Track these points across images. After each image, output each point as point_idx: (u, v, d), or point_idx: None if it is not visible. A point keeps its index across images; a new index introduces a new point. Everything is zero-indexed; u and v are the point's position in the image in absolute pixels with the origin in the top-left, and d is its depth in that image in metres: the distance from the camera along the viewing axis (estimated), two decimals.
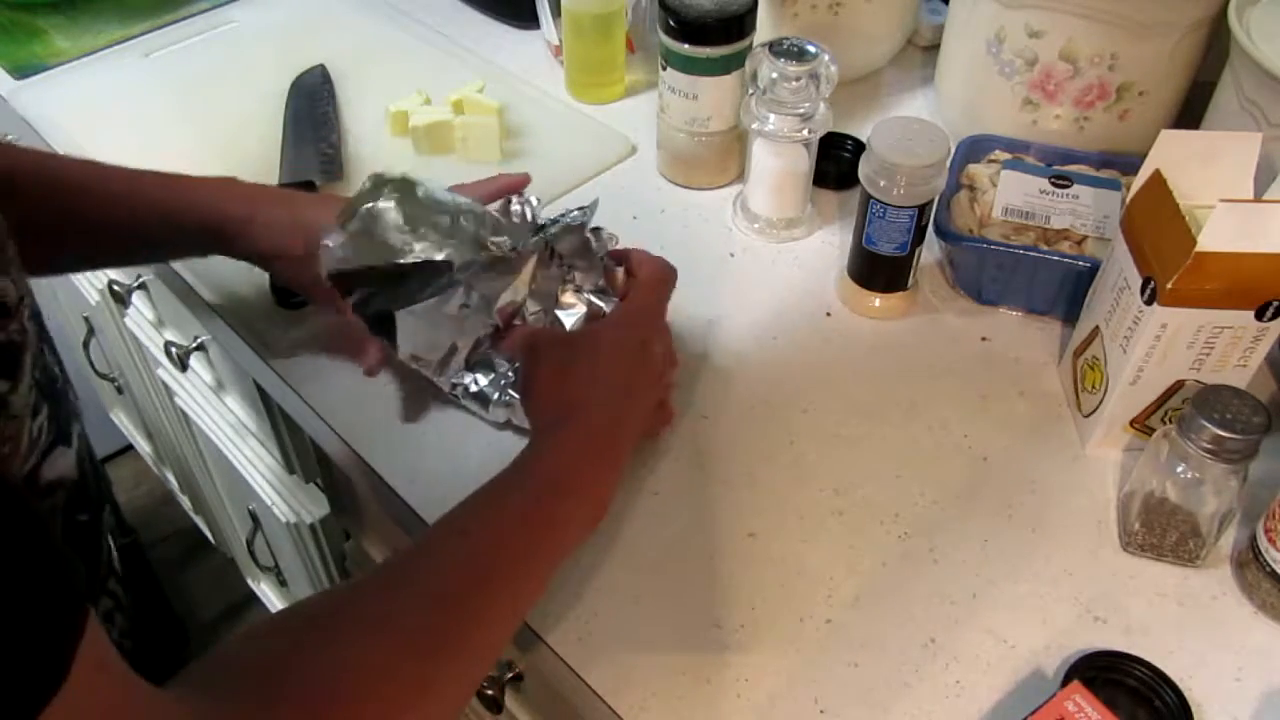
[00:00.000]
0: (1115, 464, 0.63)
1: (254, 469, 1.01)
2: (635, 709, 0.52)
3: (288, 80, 0.91)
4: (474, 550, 0.47)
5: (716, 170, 0.82)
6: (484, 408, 0.63)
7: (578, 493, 0.51)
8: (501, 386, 0.63)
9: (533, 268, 0.61)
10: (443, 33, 1.00)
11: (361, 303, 0.60)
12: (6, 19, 1.01)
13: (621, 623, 0.55)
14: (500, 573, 0.46)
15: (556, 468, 0.51)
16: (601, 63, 0.90)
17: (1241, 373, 0.58)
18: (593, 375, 0.54)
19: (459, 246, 0.58)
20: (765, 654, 0.54)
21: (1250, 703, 0.52)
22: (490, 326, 0.61)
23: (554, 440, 0.52)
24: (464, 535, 0.47)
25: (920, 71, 0.94)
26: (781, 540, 0.59)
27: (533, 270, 0.61)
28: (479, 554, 0.46)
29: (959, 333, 0.71)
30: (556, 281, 0.62)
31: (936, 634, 0.55)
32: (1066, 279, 0.68)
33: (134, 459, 1.74)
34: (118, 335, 1.24)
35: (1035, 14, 0.72)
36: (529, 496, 0.49)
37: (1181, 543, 0.57)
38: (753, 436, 0.64)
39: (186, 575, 1.70)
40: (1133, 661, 0.52)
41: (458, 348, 0.62)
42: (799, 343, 0.70)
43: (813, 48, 0.71)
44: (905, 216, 0.66)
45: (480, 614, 0.45)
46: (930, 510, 0.60)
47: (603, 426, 0.53)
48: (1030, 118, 0.76)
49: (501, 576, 0.46)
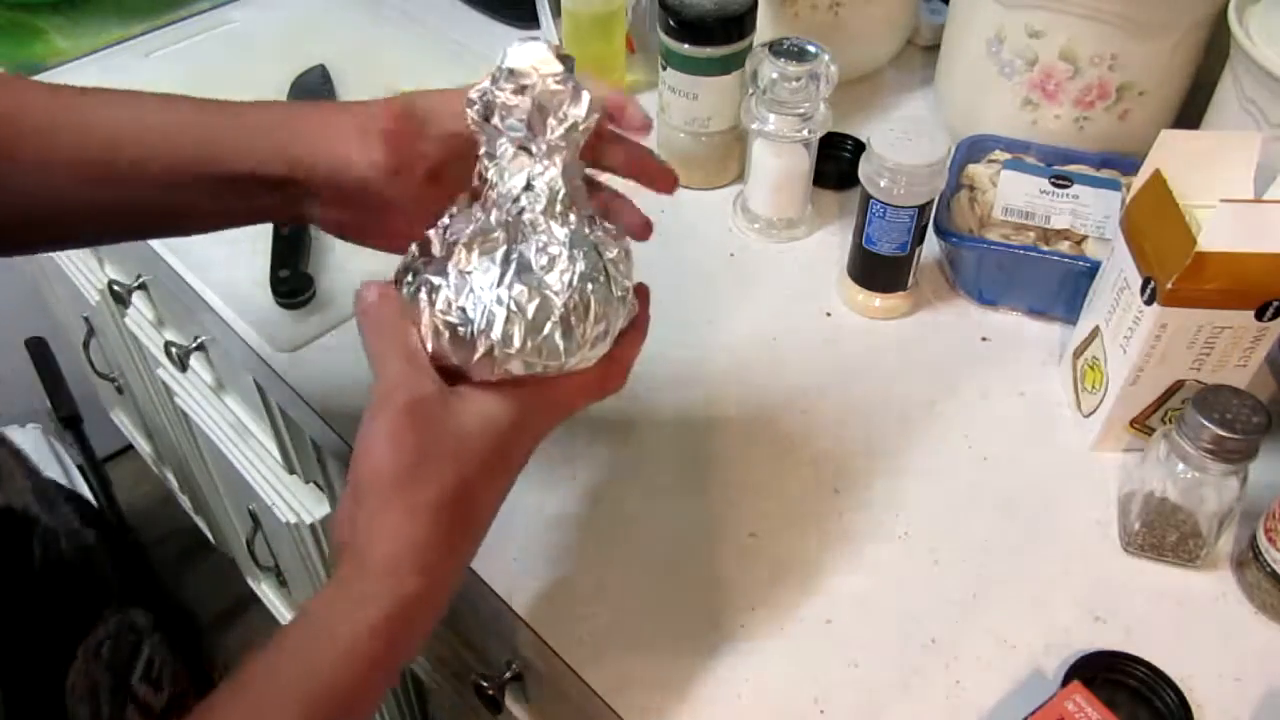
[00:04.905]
0: (1115, 464, 0.63)
1: (254, 469, 1.01)
2: (635, 709, 0.52)
3: (288, 80, 0.91)
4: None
5: (716, 170, 0.82)
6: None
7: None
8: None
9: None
10: (443, 33, 0.99)
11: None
12: (6, 19, 1.01)
13: (621, 623, 0.55)
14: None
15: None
16: (601, 63, 0.90)
17: (1241, 373, 0.58)
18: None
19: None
20: (765, 654, 0.54)
21: (1250, 703, 0.52)
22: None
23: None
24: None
25: (920, 71, 0.94)
26: (781, 540, 0.59)
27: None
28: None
29: (959, 333, 0.71)
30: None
31: (936, 634, 0.55)
32: (1066, 279, 0.68)
33: (134, 459, 1.74)
34: (118, 335, 1.23)
35: (1035, 14, 0.72)
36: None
37: (1182, 543, 0.57)
38: (753, 436, 0.64)
39: (186, 575, 1.70)
40: (1133, 661, 0.52)
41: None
42: (799, 343, 0.70)
43: (813, 48, 0.71)
44: (905, 216, 0.66)
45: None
46: (930, 510, 0.60)
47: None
48: (1030, 118, 0.76)
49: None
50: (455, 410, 0.44)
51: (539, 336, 0.44)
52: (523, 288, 0.44)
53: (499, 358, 0.44)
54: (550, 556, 0.58)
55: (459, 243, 0.45)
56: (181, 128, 0.51)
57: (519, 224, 0.45)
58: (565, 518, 0.60)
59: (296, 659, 0.42)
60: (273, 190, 0.50)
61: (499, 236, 0.45)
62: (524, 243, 0.45)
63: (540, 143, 0.46)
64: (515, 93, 0.46)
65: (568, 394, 0.48)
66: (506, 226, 0.45)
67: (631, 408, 0.65)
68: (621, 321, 0.48)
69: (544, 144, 0.46)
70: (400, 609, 0.42)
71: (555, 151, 0.46)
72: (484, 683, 0.68)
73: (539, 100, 0.46)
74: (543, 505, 0.60)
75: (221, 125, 0.51)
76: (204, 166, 0.49)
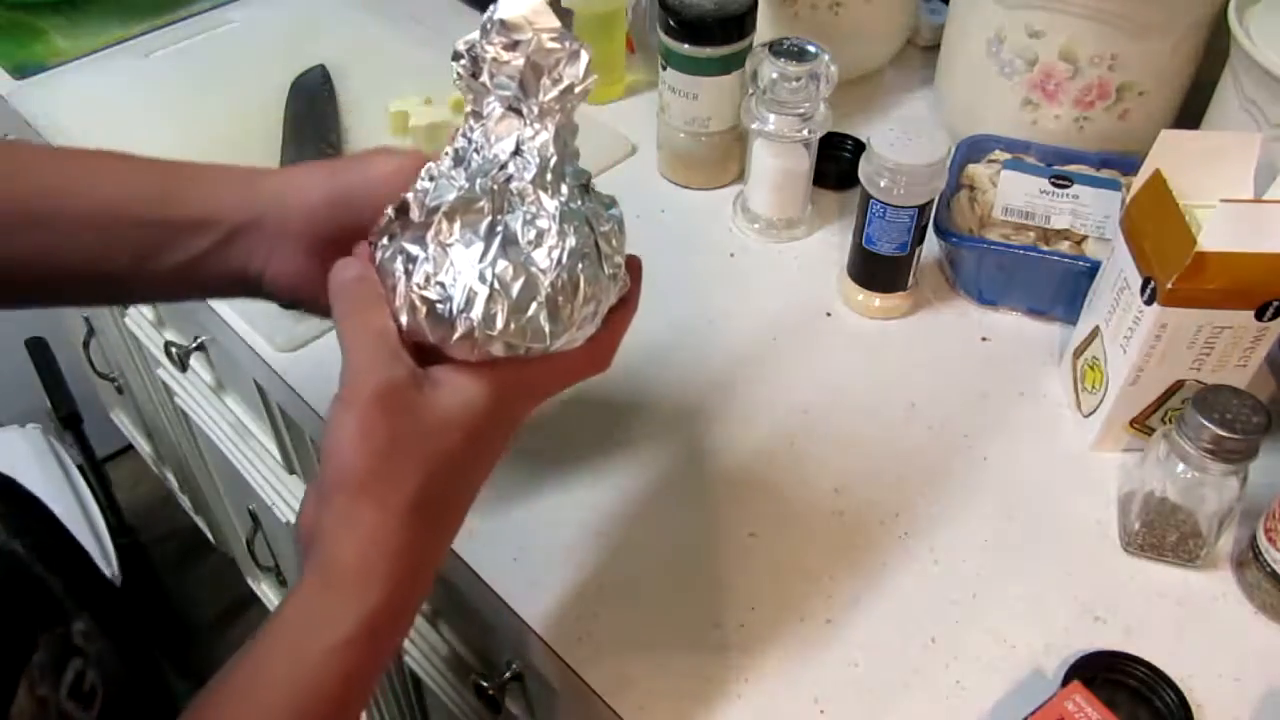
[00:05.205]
0: (1115, 464, 0.63)
1: (254, 469, 1.01)
2: (635, 709, 0.52)
3: (288, 80, 0.91)
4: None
5: (716, 170, 0.82)
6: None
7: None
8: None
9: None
10: (443, 33, 0.99)
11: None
12: (6, 19, 1.01)
13: (621, 623, 0.55)
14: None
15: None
16: (601, 63, 0.89)
17: (1241, 373, 0.58)
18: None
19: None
20: (765, 654, 0.54)
21: (1250, 703, 0.52)
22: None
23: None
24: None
25: (920, 71, 0.94)
26: (781, 540, 0.59)
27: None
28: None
29: (959, 333, 0.71)
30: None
31: (936, 634, 0.55)
32: (1066, 279, 0.68)
33: (134, 459, 1.74)
34: (118, 335, 1.24)
35: (1035, 14, 0.72)
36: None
37: (1182, 543, 0.57)
38: (753, 436, 0.64)
39: (186, 575, 1.70)
40: (1133, 661, 0.52)
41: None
42: (799, 343, 0.70)
43: (813, 48, 0.71)
44: (905, 216, 0.66)
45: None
46: (930, 510, 0.60)
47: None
48: (1030, 118, 0.76)
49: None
50: (430, 398, 0.41)
51: (523, 318, 0.41)
52: (507, 264, 0.41)
53: (479, 339, 0.41)
54: (550, 556, 0.58)
55: (440, 210, 0.41)
56: (116, 171, 0.49)
57: (505, 192, 0.42)
58: (565, 518, 0.60)
59: (264, 686, 0.39)
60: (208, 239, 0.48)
61: (484, 206, 0.41)
62: (510, 213, 0.42)
63: (532, 104, 0.42)
64: (506, 48, 0.42)
65: (551, 375, 0.45)
66: (492, 195, 0.42)
67: (631, 407, 0.65)
68: (611, 299, 0.45)
69: (536, 106, 0.42)
70: (371, 623, 0.39)
71: (548, 114, 0.43)
72: (484, 683, 0.68)
73: (533, 58, 0.42)
74: (542, 506, 0.60)
75: (160, 169, 0.50)
76: (134, 209, 0.48)
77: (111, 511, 1.47)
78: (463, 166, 0.43)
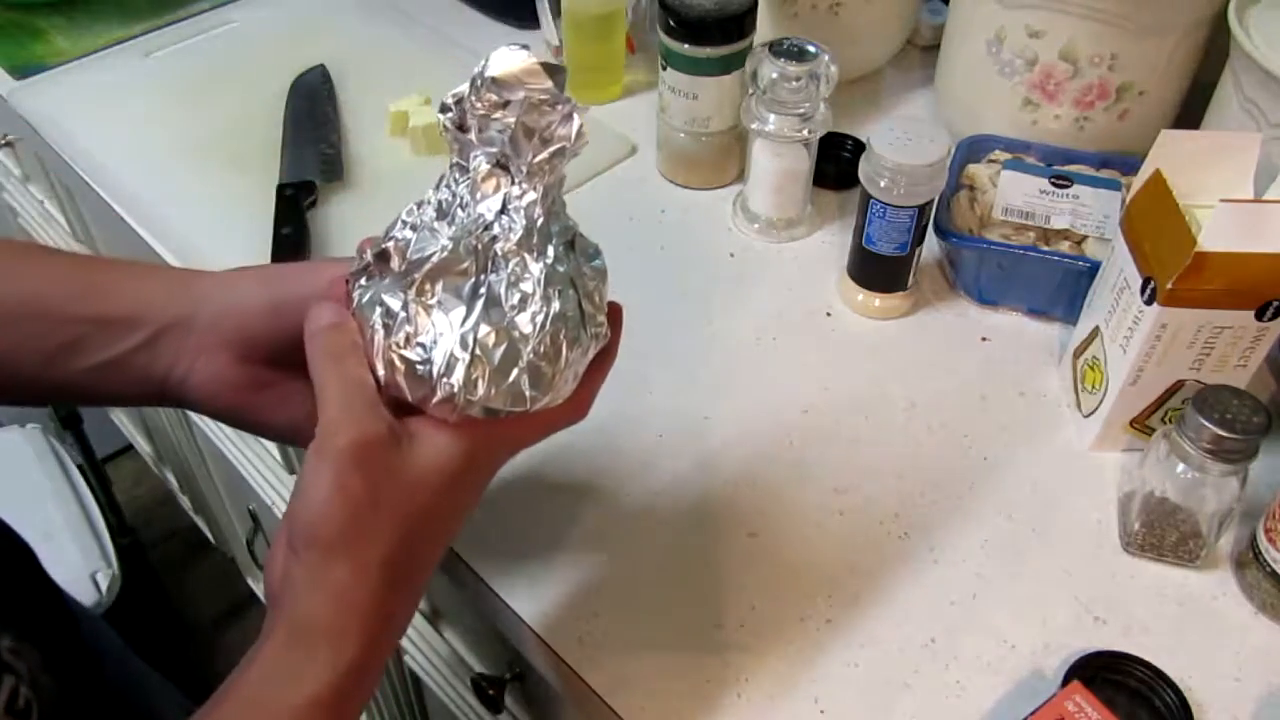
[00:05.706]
0: (1115, 464, 0.63)
1: (254, 469, 1.01)
2: (635, 709, 0.52)
3: (288, 80, 0.91)
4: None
5: (716, 170, 0.82)
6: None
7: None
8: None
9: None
10: (443, 33, 0.99)
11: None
12: (6, 19, 1.01)
13: (621, 623, 0.55)
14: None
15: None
16: (601, 63, 0.90)
17: (1241, 373, 0.58)
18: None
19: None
20: (765, 654, 0.54)
21: (1250, 703, 0.52)
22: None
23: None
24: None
25: (920, 71, 0.94)
26: (781, 540, 0.59)
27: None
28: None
29: (959, 333, 0.71)
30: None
31: (936, 634, 0.55)
32: (1066, 279, 0.68)
33: (134, 459, 1.74)
34: None
35: (1035, 14, 0.72)
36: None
37: (1181, 543, 0.57)
38: (753, 436, 0.64)
39: (186, 575, 1.70)
40: (1133, 661, 0.52)
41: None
42: (799, 343, 0.70)
43: (813, 48, 0.71)
44: (905, 216, 0.66)
45: None
46: (930, 510, 0.60)
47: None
48: (1030, 118, 0.76)
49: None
50: (407, 455, 0.41)
51: (505, 383, 0.41)
52: (489, 329, 0.40)
53: (460, 404, 0.41)
54: (550, 557, 0.58)
55: (423, 267, 0.41)
56: (38, 262, 0.48)
57: (490, 253, 0.41)
58: (565, 518, 0.60)
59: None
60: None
61: (467, 267, 0.41)
62: (494, 273, 0.41)
63: (521, 164, 0.42)
64: (496, 106, 0.41)
65: (529, 429, 0.45)
66: (476, 255, 0.41)
67: (631, 408, 0.65)
68: (592, 354, 0.44)
69: (525, 165, 0.42)
70: (340, 684, 0.38)
71: (537, 175, 0.42)
72: (484, 683, 0.68)
73: (524, 119, 0.41)
74: (542, 506, 0.60)
75: (84, 263, 0.49)
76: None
77: (111, 511, 1.47)
78: (446, 220, 0.42)
